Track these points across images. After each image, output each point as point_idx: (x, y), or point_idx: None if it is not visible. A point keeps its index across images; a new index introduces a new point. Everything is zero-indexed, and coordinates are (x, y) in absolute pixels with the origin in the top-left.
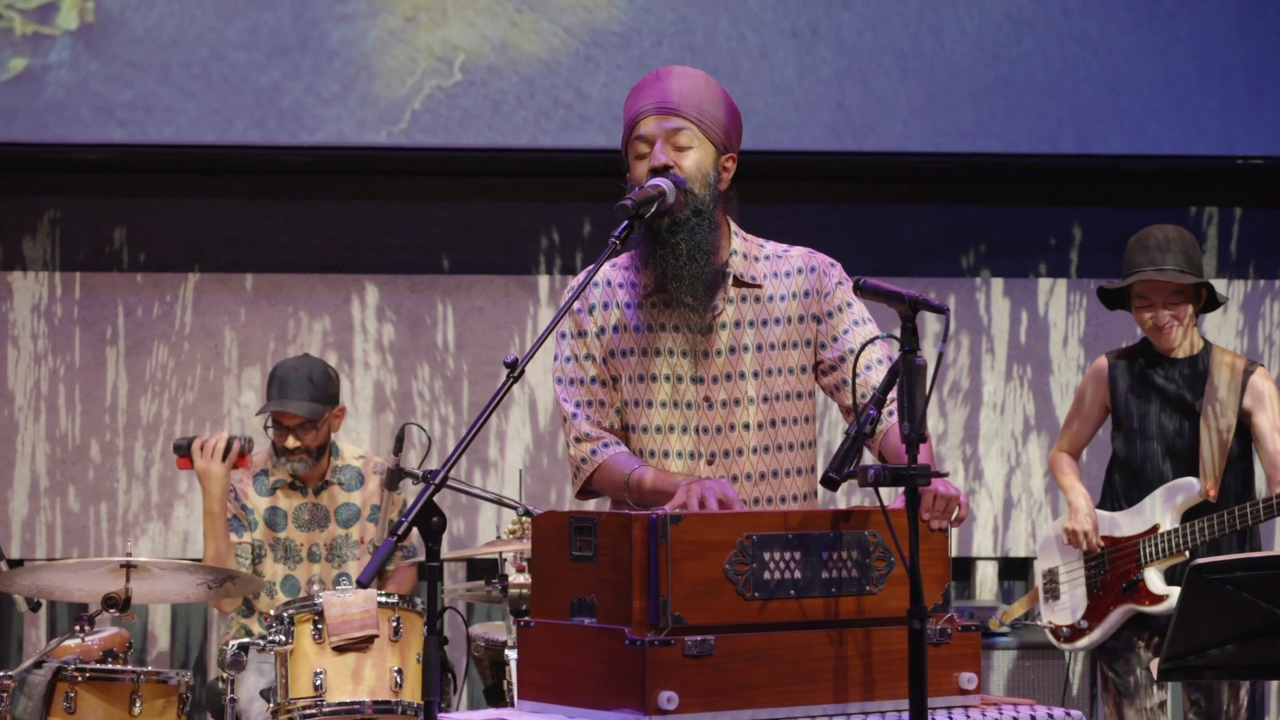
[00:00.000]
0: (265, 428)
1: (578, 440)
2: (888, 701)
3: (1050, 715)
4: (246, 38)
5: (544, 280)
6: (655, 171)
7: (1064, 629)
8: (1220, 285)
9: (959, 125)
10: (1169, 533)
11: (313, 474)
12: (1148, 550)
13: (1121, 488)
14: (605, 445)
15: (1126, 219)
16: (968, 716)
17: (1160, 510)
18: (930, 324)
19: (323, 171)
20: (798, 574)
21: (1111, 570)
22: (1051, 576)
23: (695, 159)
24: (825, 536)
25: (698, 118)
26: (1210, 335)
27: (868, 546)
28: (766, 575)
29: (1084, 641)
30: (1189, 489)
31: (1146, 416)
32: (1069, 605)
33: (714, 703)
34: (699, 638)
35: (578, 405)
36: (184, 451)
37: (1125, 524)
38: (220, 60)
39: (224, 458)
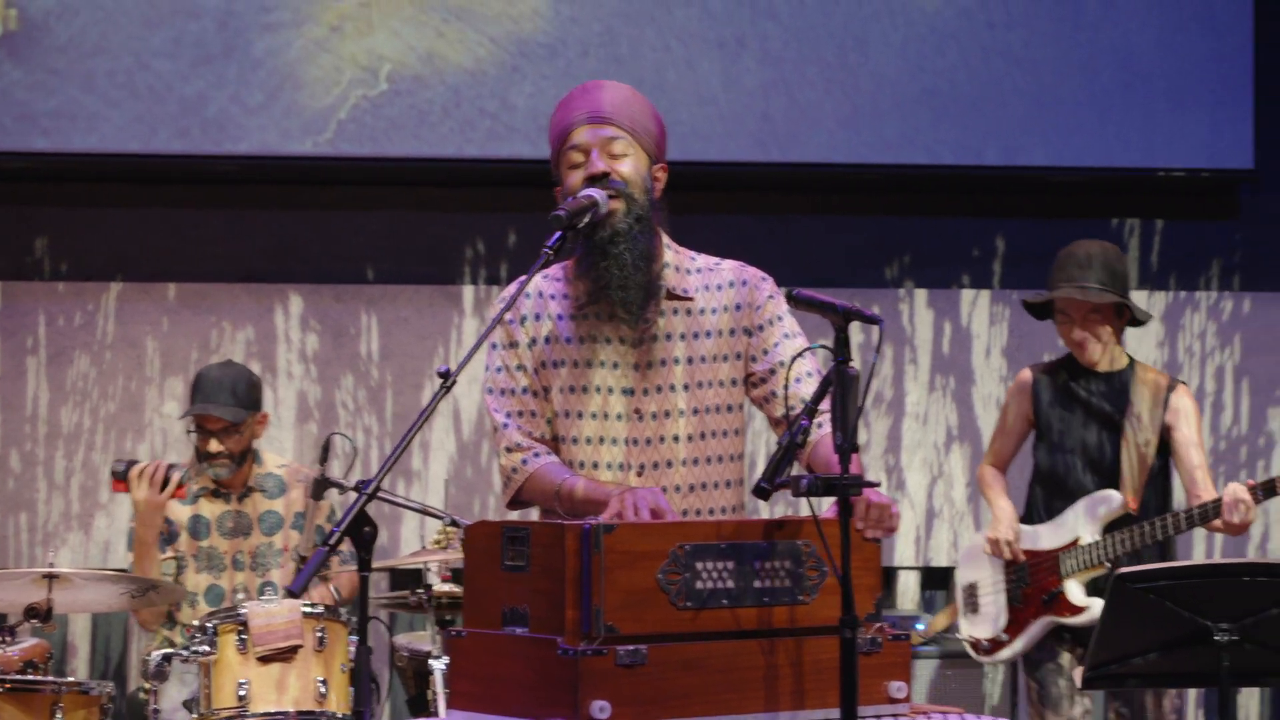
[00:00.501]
0: (188, 432)
1: (508, 450)
2: (818, 710)
3: None
4: (171, 46)
5: (469, 291)
6: (593, 179)
7: (984, 642)
8: (1141, 297)
9: (884, 136)
10: (1090, 545)
11: (235, 481)
12: (1068, 563)
13: (1043, 500)
14: (536, 455)
15: (1050, 230)
16: None
17: (1081, 523)
18: (854, 333)
19: (247, 181)
20: (730, 583)
21: (1032, 583)
22: (971, 590)
23: (632, 165)
24: (758, 546)
25: (631, 127)
26: (1131, 347)
27: (800, 556)
28: (699, 585)
29: (1004, 654)
30: (1110, 501)
31: (1069, 430)
32: (989, 618)
33: (646, 712)
34: (631, 647)
35: (509, 415)
36: (122, 477)
37: (1047, 537)
38: (145, 69)
39: (163, 487)
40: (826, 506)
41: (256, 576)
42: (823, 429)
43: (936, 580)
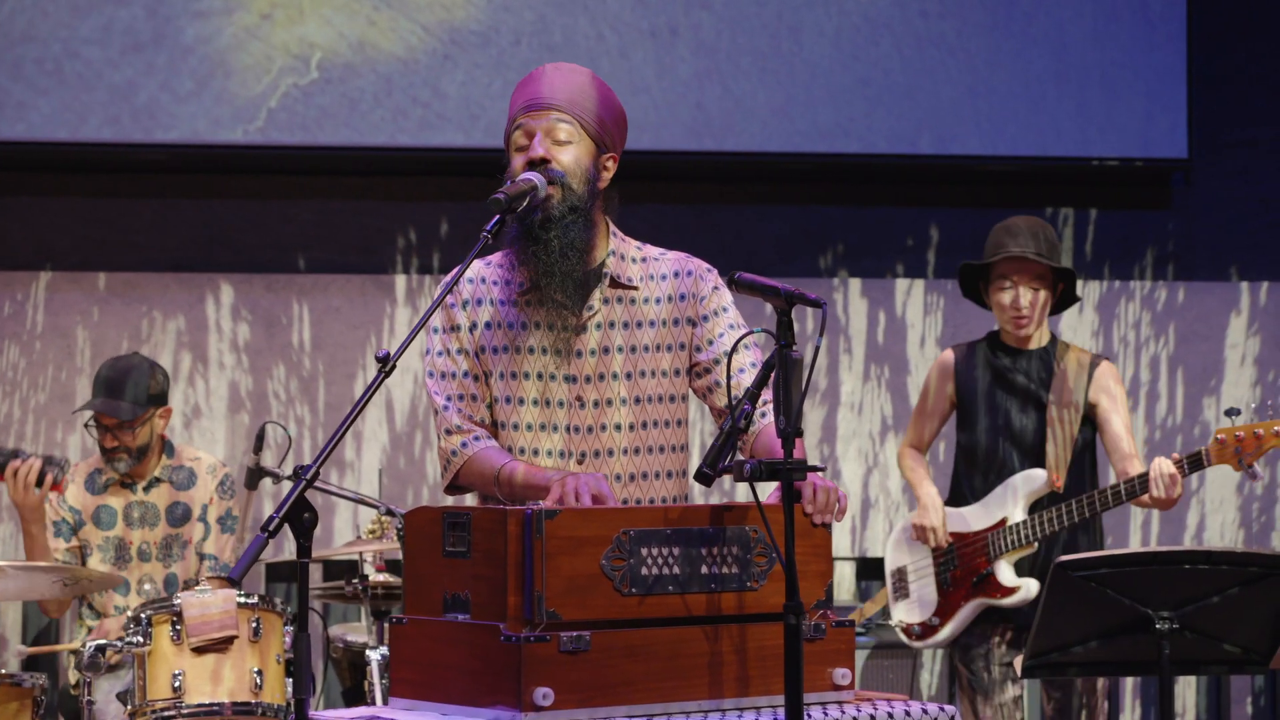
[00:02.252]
0: (86, 426)
1: (448, 433)
2: (763, 697)
3: (924, 711)
4: (100, 34)
5: (401, 280)
6: (532, 164)
7: (915, 626)
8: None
9: (818, 126)
10: (1017, 525)
11: (141, 471)
12: (997, 543)
13: (969, 481)
14: (476, 439)
15: (984, 220)
16: (842, 712)
17: (1009, 502)
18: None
19: (177, 170)
20: (676, 570)
21: (961, 565)
22: (900, 575)
23: (574, 154)
24: (705, 532)
25: (578, 114)
26: (1065, 336)
27: (748, 542)
28: (644, 571)
29: (936, 638)
30: (1035, 480)
31: (993, 408)
32: (918, 603)
33: (590, 699)
34: (574, 634)
35: (449, 399)
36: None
37: (974, 518)
38: (73, 56)
39: (39, 485)
40: (770, 492)
41: (163, 568)
42: (766, 418)
43: (872, 570)
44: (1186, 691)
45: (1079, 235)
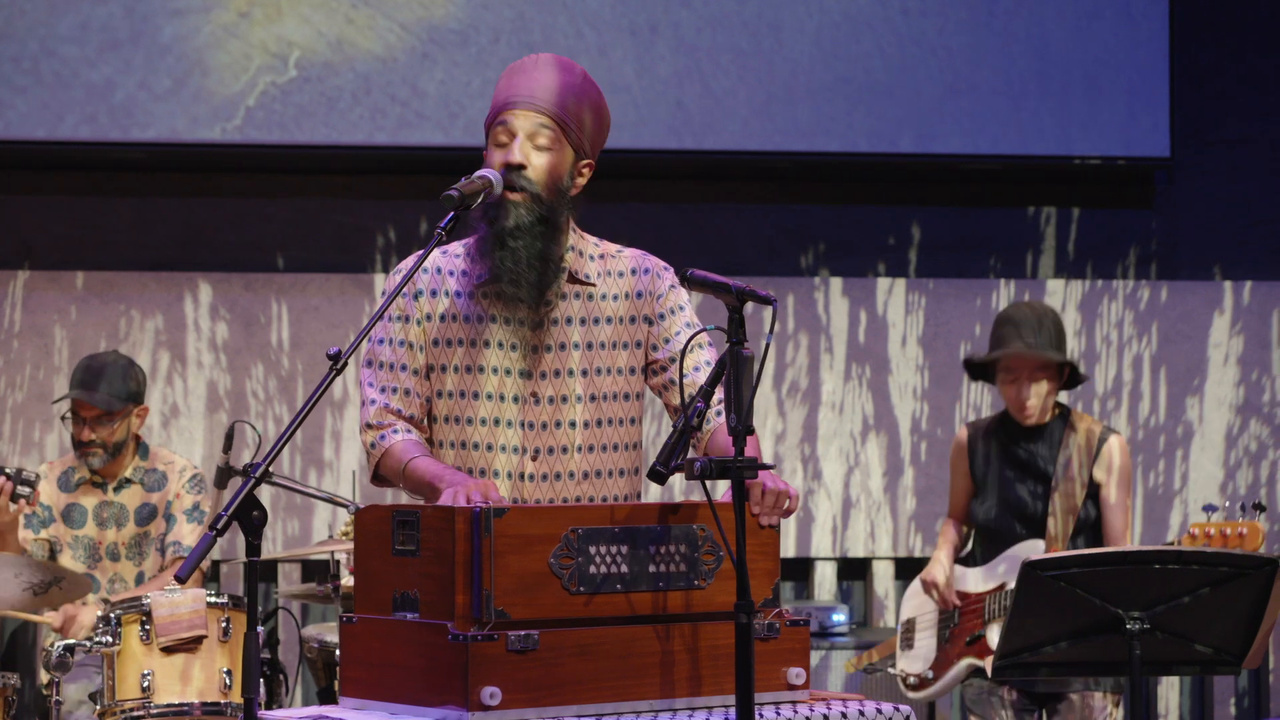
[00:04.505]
0: (62, 417)
1: (368, 426)
2: (715, 697)
3: (879, 710)
4: (78, 32)
5: (379, 279)
6: (509, 167)
7: (912, 677)
8: (1058, 285)
9: (798, 124)
10: (1011, 591)
11: (112, 470)
12: (992, 607)
13: (981, 551)
14: (395, 431)
15: (965, 218)
16: (795, 712)
17: (1006, 570)
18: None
19: (155, 168)
20: (624, 568)
21: (960, 624)
22: (909, 626)
23: (551, 162)
24: (652, 530)
25: (564, 119)
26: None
27: (696, 541)
28: (592, 569)
29: (927, 692)
30: (1034, 550)
31: (1002, 485)
32: (921, 655)
33: (539, 698)
34: (523, 633)
35: (381, 390)
36: None
37: (976, 581)
38: (50, 55)
39: (13, 501)
40: (723, 491)
41: (133, 566)
42: (721, 416)
43: (854, 571)
44: (1169, 692)
45: (1061, 234)
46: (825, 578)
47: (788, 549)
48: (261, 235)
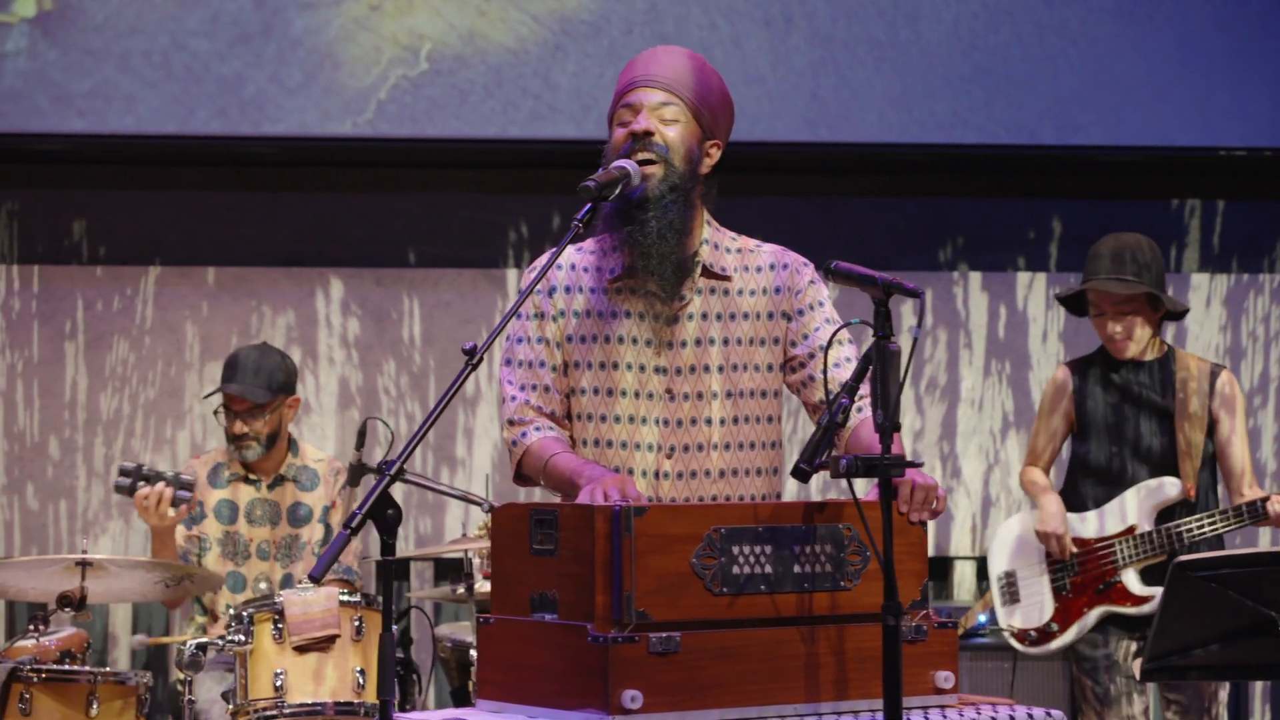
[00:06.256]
0: (215, 412)
1: (510, 424)
2: (862, 701)
3: (1030, 715)
4: (208, 25)
5: (512, 274)
6: (635, 136)
7: (1031, 632)
8: (1202, 280)
9: (936, 116)
10: (1148, 534)
11: (266, 466)
12: (1125, 551)
13: (1088, 491)
14: (537, 429)
15: (1107, 211)
16: (944, 716)
17: (1136, 510)
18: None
19: (286, 163)
20: (768, 568)
21: (1083, 572)
22: (1009, 579)
23: (679, 133)
24: (797, 530)
25: (687, 96)
26: (1193, 332)
27: (842, 540)
28: (735, 570)
29: (1055, 644)
30: (1169, 489)
31: (1115, 423)
32: (1033, 607)
33: (680, 702)
34: (664, 634)
35: (521, 388)
36: (127, 493)
37: (1096, 525)
38: (181, 48)
39: (173, 507)
40: (867, 489)
41: (280, 567)
42: (863, 413)
43: None
44: None
45: (1206, 227)
46: (965, 577)
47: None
48: (393, 230)
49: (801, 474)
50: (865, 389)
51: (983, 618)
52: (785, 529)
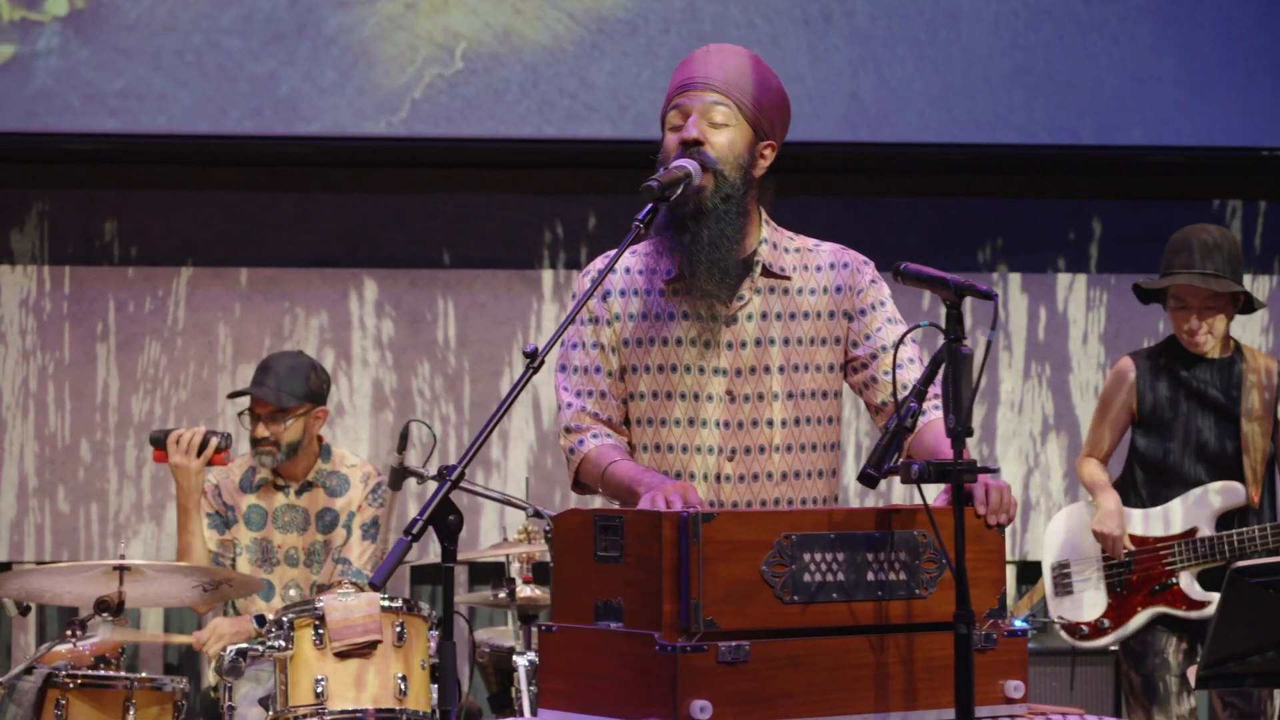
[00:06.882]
0: (239, 414)
1: (567, 431)
2: (931, 711)
3: None
4: (241, 24)
5: (548, 275)
6: (685, 144)
7: (1082, 626)
8: (1245, 281)
9: (976, 116)
10: (1210, 538)
11: (294, 472)
12: (1184, 554)
13: (1146, 486)
14: (594, 436)
15: (1148, 212)
16: None
17: (1196, 513)
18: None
19: (320, 163)
20: (841, 576)
21: (1139, 571)
22: (1063, 571)
23: (729, 138)
24: (870, 537)
25: (738, 97)
26: (1235, 333)
27: (917, 547)
28: (807, 577)
29: (1104, 640)
30: (1232, 494)
31: (1177, 417)
32: (1086, 601)
33: (749, 711)
34: (734, 643)
35: (577, 394)
36: (160, 444)
37: (1155, 524)
38: (214, 47)
39: (199, 453)
40: (934, 495)
41: (310, 574)
42: (927, 416)
43: (1033, 574)
44: None
45: (1248, 228)
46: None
47: None
48: (427, 230)
49: (869, 479)
50: (931, 392)
51: (1019, 622)
52: (858, 535)
